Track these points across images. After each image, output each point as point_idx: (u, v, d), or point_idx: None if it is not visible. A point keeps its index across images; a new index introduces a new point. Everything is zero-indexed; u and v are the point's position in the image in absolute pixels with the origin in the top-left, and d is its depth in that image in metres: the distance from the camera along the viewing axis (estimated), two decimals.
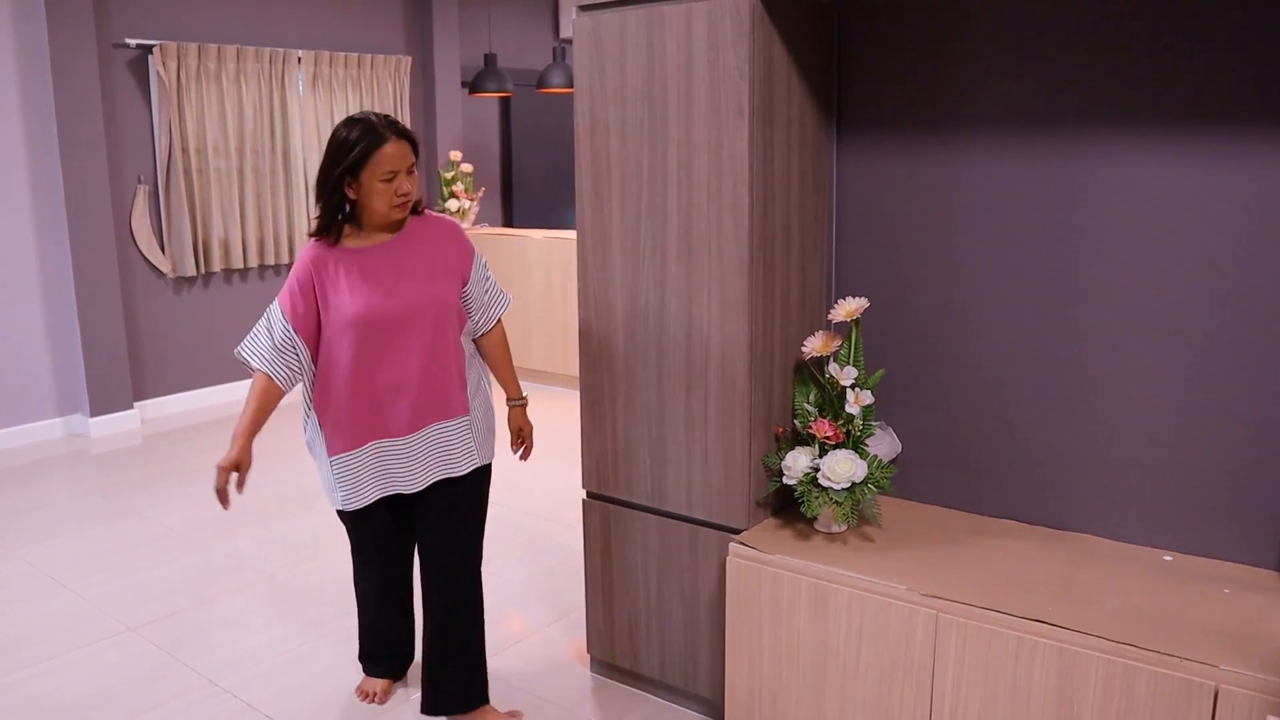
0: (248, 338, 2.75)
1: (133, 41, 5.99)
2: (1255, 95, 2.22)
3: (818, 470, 2.54)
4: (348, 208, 2.60)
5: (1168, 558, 2.45)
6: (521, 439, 2.92)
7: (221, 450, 5.57)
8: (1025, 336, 2.59)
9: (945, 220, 2.66)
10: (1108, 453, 2.52)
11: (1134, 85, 2.35)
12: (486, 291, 2.78)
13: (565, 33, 8.79)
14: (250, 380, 2.75)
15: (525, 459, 2.95)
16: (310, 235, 2.65)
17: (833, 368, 2.59)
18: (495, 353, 2.86)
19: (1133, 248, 2.41)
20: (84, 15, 5.67)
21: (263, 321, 2.72)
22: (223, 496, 2.55)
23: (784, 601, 2.49)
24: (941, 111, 2.62)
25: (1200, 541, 2.43)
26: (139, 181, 6.17)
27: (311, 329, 2.65)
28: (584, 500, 3.02)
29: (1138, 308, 2.42)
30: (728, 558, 2.59)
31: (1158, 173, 2.35)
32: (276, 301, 2.65)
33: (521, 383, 2.98)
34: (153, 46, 6.03)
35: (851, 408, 2.55)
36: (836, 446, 2.56)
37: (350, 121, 2.54)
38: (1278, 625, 2.12)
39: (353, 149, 2.49)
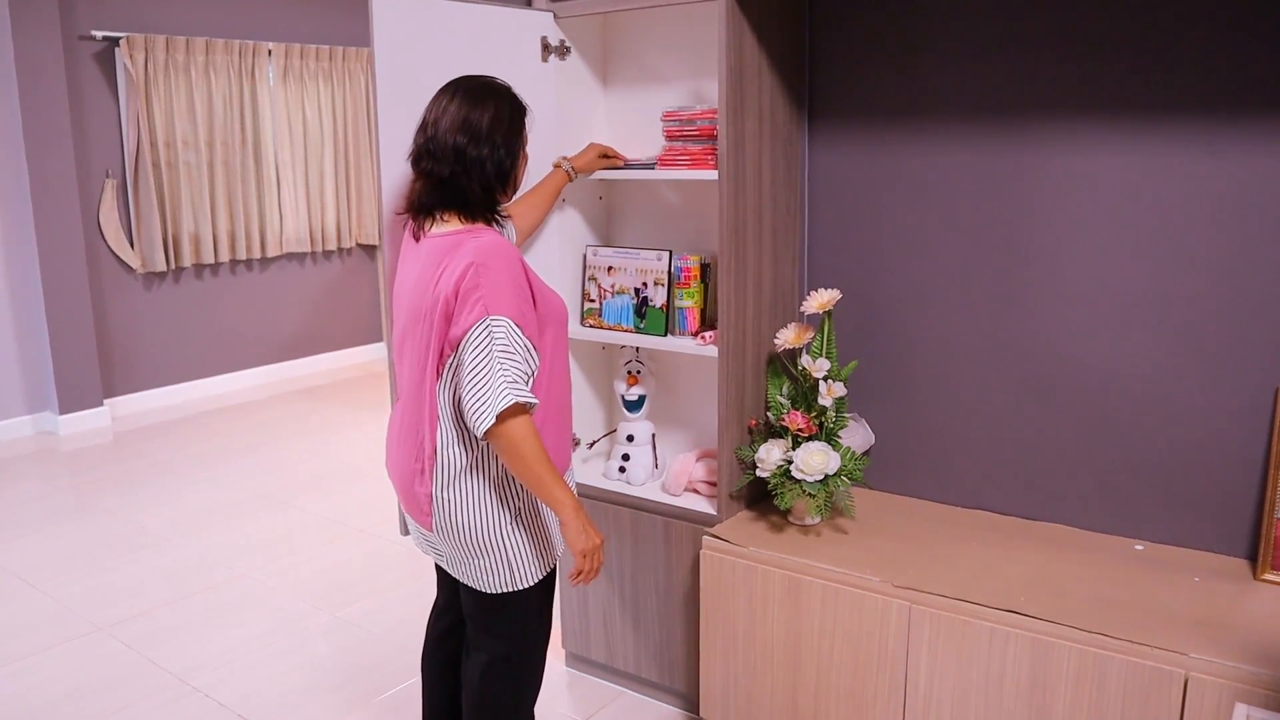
0: (507, 380, 1.88)
1: (99, 33, 5.90)
2: (1215, 84, 2.23)
3: (791, 463, 2.53)
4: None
5: (1139, 547, 2.46)
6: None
7: (195, 447, 5.55)
8: (997, 327, 2.59)
9: (917, 212, 2.66)
10: (1079, 443, 2.53)
11: (1100, 76, 2.36)
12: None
13: None
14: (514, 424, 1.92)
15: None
16: (483, 219, 2.08)
17: (805, 360, 2.58)
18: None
19: (1105, 239, 2.42)
20: (48, 6, 5.58)
21: (496, 345, 1.90)
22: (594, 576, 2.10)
23: (758, 594, 2.49)
24: (913, 102, 2.62)
25: (1171, 531, 2.45)
26: (107, 176, 6.09)
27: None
28: None
29: (1110, 298, 2.43)
30: (701, 551, 2.58)
31: (1130, 162, 2.36)
32: (503, 317, 1.91)
33: None
34: (120, 39, 5.95)
35: (824, 400, 2.55)
36: (810, 439, 2.56)
37: (487, 80, 2.11)
38: (1247, 614, 2.13)
39: (523, 108, 2.11)
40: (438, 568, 2.37)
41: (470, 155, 2.02)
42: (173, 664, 3.26)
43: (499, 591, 2.10)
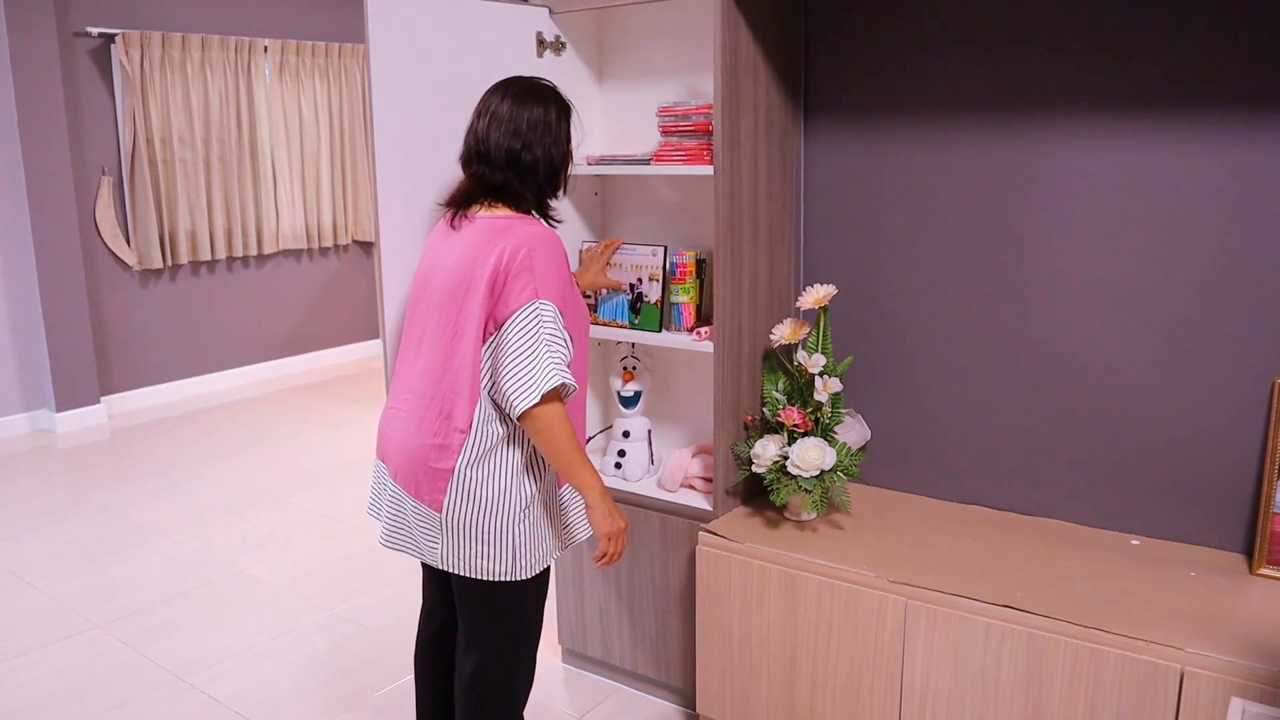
0: (554, 360, 1.95)
1: (95, 30, 5.89)
2: (1211, 78, 2.22)
3: (787, 458, 2.53)
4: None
5: (1135, 542, 2.46)
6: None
7: (192, 444, 5.54)
8: (993, 323, 2.59)
9: (914, 207, 2.65)
10: (1075, 438, 2.53)
11: (1096, 70, 2.35)
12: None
13: None
14: (547, 410, 1.96)
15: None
16: (531, 211, 2.12)
17: (801, 355, 2.58)
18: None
19: (1099, 233, 2.41)
20: (44, 3, 5.57)
21: (545, 329, 1.96)
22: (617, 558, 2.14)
23: (754, 590, 2.49)
24: (909, 97, 2.61)
25: (1167, 526, 2.45)
26: (103, 173, 6.08)
27: None
28: None
29: (1105, 292, 2.43)
30: (697, 547, 2.58)
31: (1127, 157, 2.35)
32: (550, 302, 1.98)
33: None
34: (115, 35, 5.94)
35: (820, 395, 2.55)
36: (805, 434, 2.56)
37: (532, 81, 2.15)
38: (1242, 608, 2.13)
39: (569, 107, 2.15)
40: (425, 569, 2.34)
41: (524, 161, 2.06)
42: (169, 660, 3.26)
43: (496, 579, 2.09)
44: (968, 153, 2.55)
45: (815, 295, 2.57)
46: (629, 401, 2.88)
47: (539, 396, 1.92)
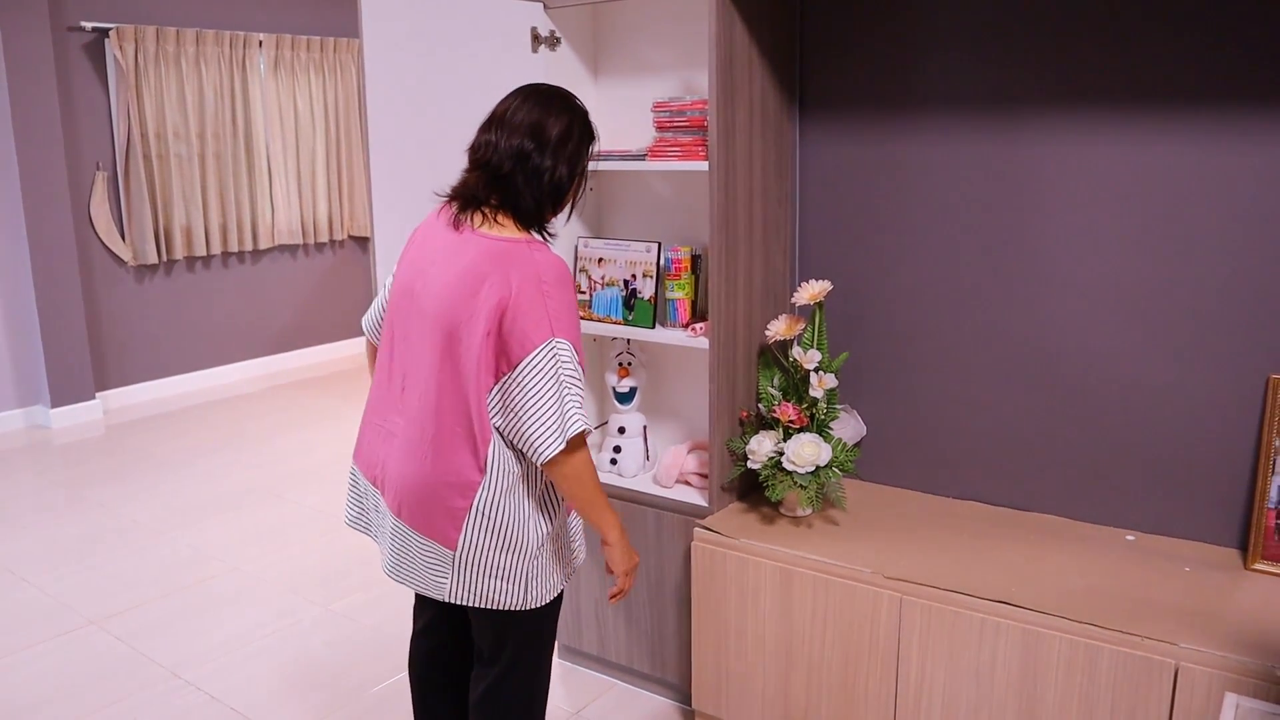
0: (576, 405, 1.89)
1: (88, 24, 5.87)
2: (1206, 75, 2.22)
3: (782, 454, 2.53)
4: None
5: (1130, 537, 2.46)
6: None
7: (187, 440, 5.53)
8: (988, 318, 2.59)
9: (909, 202, 2.65)
10: (1070, 434, 2.53)
11: (1091, 66, 2.35)
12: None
13: None
14: (574, 457, 1.92)
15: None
16: (533, 230, 2.00)
17: (796, 351, 2.58)
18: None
19: (1094, 229, 2.41)
20: None
21: (564, 370, 1.89)
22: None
23: (749, 586, 2.49)
24: (905, 92, 2.61)
25: (1162, 521, 2.45)
26: (97, 168, 6.06)
27: None
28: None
29: (1099, 288, 2.43)
30: (693, 543, 2.58)
31: (1123, 153, 2.35)
32: (566, 340, 1.90)
33: None
34: (109, 29, 5.92)
35: (815, 391, 2.55)
36: (801, 430, 2.56)
37: (566, 93, 2.06)
38: (1237, 603, 2.14)
39: (593, 134, 2.06)
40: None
41: (533, 162, 1.95)
42: (165, 657, 3.26)
43: (514, 610, 2.04)
44: (964, 148, 2.55)
45: (810, 291, 2.57)
46: (624, 397, 2.88)
47: (565, 444, 1.86)
